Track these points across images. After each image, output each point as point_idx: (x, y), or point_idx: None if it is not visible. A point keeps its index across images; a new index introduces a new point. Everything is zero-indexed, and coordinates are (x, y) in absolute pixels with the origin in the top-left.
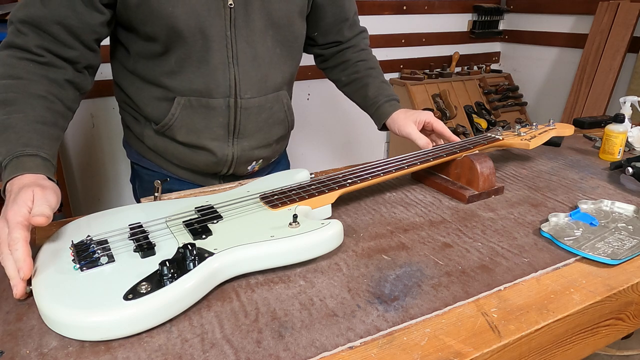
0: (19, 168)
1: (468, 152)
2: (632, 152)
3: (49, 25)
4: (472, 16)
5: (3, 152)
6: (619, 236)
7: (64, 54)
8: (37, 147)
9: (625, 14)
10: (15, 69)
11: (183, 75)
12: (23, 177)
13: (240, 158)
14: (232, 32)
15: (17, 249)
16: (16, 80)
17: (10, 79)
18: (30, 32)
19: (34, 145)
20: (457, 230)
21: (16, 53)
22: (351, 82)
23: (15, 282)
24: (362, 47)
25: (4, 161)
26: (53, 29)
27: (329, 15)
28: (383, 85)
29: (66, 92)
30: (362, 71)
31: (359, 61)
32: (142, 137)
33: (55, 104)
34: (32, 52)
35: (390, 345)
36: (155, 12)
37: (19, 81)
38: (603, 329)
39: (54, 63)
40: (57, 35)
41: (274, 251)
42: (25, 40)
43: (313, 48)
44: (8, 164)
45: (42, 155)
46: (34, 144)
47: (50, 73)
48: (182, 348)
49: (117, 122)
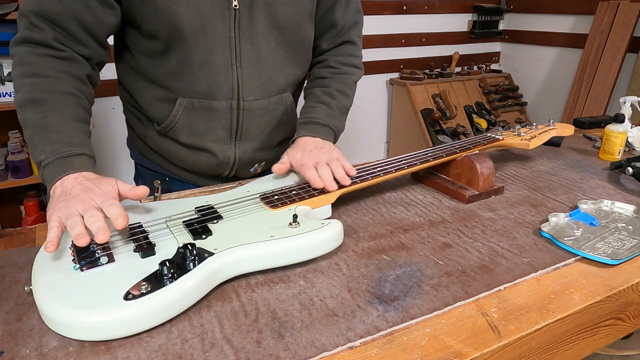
0: (69, 167)
1: (468, 152)
2: (632, 152)
3: (65, 20)
4: (472, 16)
5: (47, 150)
6: (619, 236)
7: (79, 51)
8: (81, 146)
9: (625, 14)
10: (39, 67)
11: (185, 76)
12: (80, 174)
13: (242, 160)
14: (236, 34)
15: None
16: (42, 78)
17: (36, 77)
18: (47, 26)
19: (78, 144)
20: (457, 230)
21: (36, 49)
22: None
23: (103, 232)
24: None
25: (46, 160)
26: (69, 24)
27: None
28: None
29: (88, 88)
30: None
31: (317, 78)
32: (144, 138)
33: (82, 100)
34: (52, 47)
35: (390, 345)
36: (159, 9)
37: (46, 79)
38: (603, 329)
39: (75, 58)
40: (73, 31)
41: (274, 251)
42: (43, 35)
43: None
44: (52, 163)
45: (87, 154)
46: (78, 143)
47: (72, 69)
48: (182, 348)
49: (117, 122)
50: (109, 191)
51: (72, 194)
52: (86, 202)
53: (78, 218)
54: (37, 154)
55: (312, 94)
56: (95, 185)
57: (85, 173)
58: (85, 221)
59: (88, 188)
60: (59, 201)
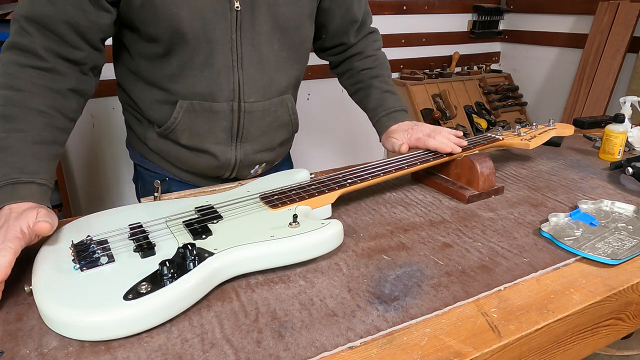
0: (13, 196)
1: (468, 152)
2: (632, 152)
3: (56, 24)
4: (472, 16)
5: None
6: (619, 236)
7: (70, 55)
8: (32, 174)
9: (625, 14)
10: (17, 80)
11: (185, 78)
12: (21, 204)
13: (243, 162)
14: (237, 35)
15: (5, 256)
16: (17, 92)
17: (11, 90)
18: (36, 31)
19: (30, 172)
20: (457, 230)
21: (19, 58)
22: (356, 92)
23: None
24: (369, 53)
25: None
26: (60, 29)
27: (337, 18)
28: (385, 95)
29: (69, 102)
30: (365, 81)
31: (363, 70)
32: (144, 139)
33: (55, 119)
34: (37, 55)
35: (390, 345)
36: (159, 12)
37: (20, 94)
38: (603, 329)
39: (58, 69)
40: (64, 35)
41: (274, 251)
42: (30, 41)
43: (323, 53)
44: (1, 188)
45: (37, 182)
46: (30, 170)
47: (53, 83)
48: (182, 348)
49: (117, 122)
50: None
51: None
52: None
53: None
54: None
55: (371, 86)
56: (14, 220)
57: (21, 204)
58: None
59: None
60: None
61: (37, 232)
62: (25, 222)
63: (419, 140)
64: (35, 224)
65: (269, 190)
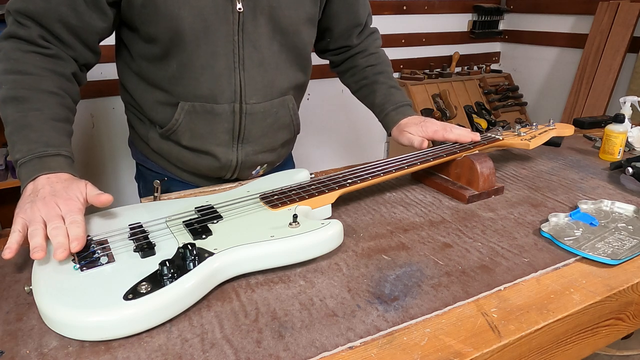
0: (44, 168)
1: (468, 152)
2: (632, 152)
3: (49, 22)
4: (472, 16)
5: (23, 149)
6: (619, 236)
7: (65, 51)
8: (57, 146)
9: (625, 14)
10: (23, 64)
11: (186, 80)
12: (59, 174)
13: (244, 163)
14: (239, 37)
15: (79, 226)
16: (26, 75)
17: (20, 74)
18: (32, 24)
19: (55, 145)
20: (457, 230)
21: (21, 45)
22: (360, 88)
23: (63, 250)
24: (372, 50)
25: (22, 159)
26: (53, 26)
27: (343, 22)
28: (391, 91)
29: (73, 85)
30: (370, 77)
31: (367, 66)
32: (146, 139)
33: (65, 99)
34: (37, 44)
35: (390, 345)
36: (160, 12)
37: (29, 77)
38: (603, 329)
39: (60, 55)
40: (57, 32)
41: (274, 251)
42: (29, 32)
43: (324, 54)
44: (27, 162)
45: (63, 154)
46: (55, 143)
47: (57, 67)
48: (182, 348)
49: (117, 122)
50: (76, 198)
51: (39, 195)
52: (50, 209)
53: (40, 226)
54: (15, 153)
55: (376, 82)
56: (63, 189)
57: (59, 174)
58: (48, 232)
59: (56, 192)
60: (26, 202)
61: (99, 204)
62: (79, 192)
63: (437, 133)
64: (97, 195)
65: (269, 190)
